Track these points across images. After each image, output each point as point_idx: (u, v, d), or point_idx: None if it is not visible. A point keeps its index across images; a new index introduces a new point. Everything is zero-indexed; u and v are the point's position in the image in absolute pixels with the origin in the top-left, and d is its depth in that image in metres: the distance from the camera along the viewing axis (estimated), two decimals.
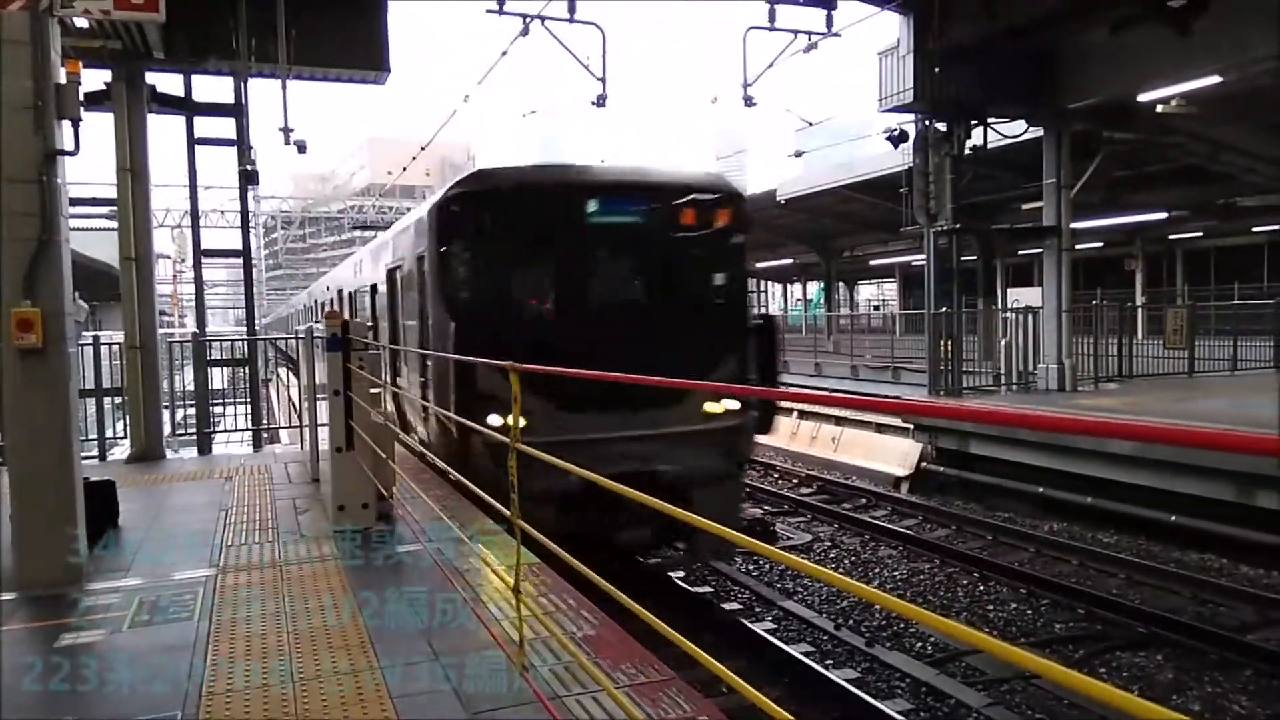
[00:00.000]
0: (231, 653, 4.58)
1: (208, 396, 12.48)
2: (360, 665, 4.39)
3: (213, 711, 3.91)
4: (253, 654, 4.56)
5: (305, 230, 69.56)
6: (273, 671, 4.33)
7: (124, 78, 10.98)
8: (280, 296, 65.97)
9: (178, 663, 4.43)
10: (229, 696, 4.06)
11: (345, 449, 7.22)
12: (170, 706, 3.95)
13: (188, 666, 4.40)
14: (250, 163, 12.09)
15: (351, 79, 12.78)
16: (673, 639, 2.52)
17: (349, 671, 4.31)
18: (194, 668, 4.38)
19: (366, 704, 3.95)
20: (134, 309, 11.15)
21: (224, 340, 14.62)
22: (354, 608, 5.23)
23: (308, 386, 9.62)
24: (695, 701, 3.90)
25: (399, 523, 7.36)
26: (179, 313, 48.07)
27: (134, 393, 11.23)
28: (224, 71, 12.04)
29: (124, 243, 11.11)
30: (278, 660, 4.47)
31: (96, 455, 11.37)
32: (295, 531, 7.15)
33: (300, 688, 4.13)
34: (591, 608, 5.15)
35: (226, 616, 5.14)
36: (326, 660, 4.45)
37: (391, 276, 11.44)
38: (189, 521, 7.57)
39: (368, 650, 4.58)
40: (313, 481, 9.24)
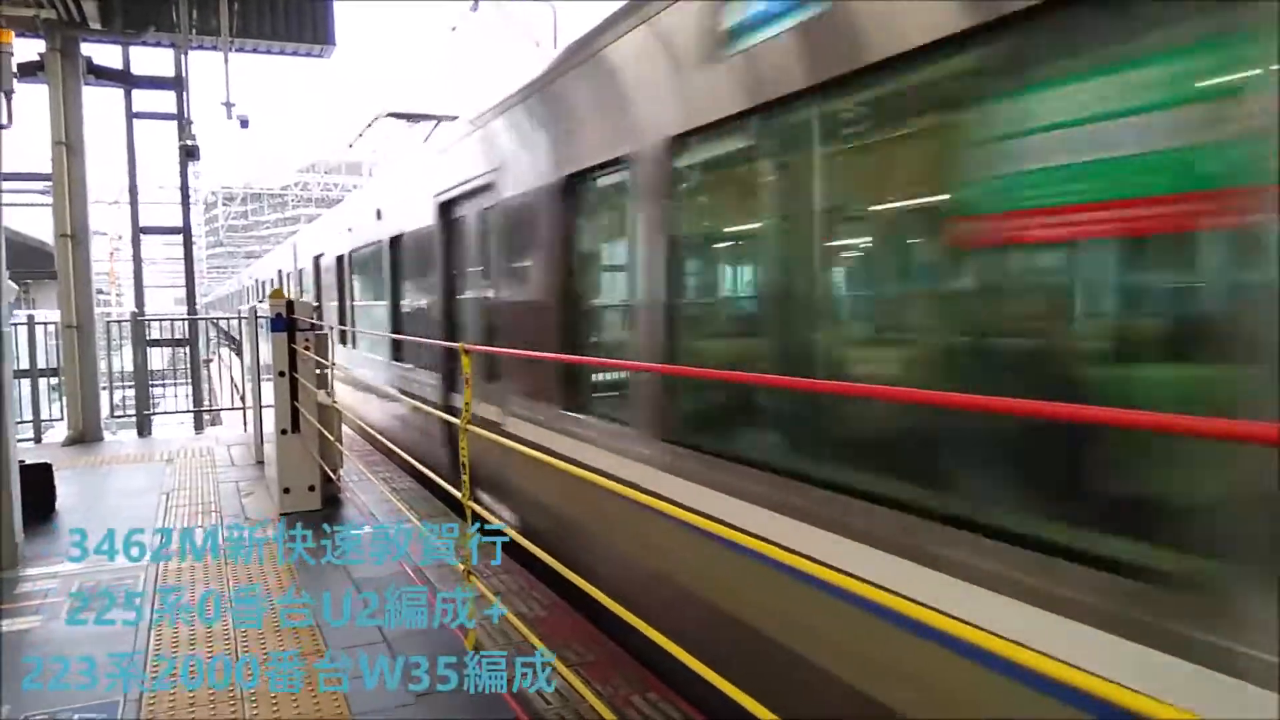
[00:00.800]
0: (175, 638, 4.50)
1: (147, 377, 12.20)
2: (307, 649, 4.35)
3: (155, 699, 3.85)
4: (196, 639, 4.49)
5: (247, 207, 68.09)
6: (216, 657, 4.27)
7: (58, 48, 10.62)
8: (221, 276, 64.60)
9: (119, 650, 4.34)
10: (172, 683, 3.99)
11: (290, 431, 7.12)
12: (111, 694, 3.88)
13: (130, 653, 4.32)
14: (190, 138, 11.82)
15: (296, 52, 12.50)
16: (624, 616, 2.53)
17: (295, 656, 4.26)
18: (135, 655, 4.31)
19: (313, 689, 3.91)
20: (70, 287, 10.84)
21: (164, 320, 14.29)
22: (300, 591, 5.18)
23: (251, 367, 9.41)
24: (646, 678, 3.94)
25: (346, 505, 7.29)
26: (116, 291, 46.82)
27: (70, 373, 10.94)
28: (164, 44, 11.73)
29: (59, 219, 10.78)
30: (222, 645, 4.41)
31: (32, 438, 11.07)
32: (239, 515, 7.04)
33: (245, 673, 4.08)
34: (543, 589, 5.16)
35: (169, 601, 5.05)
36: (273, 646, 4.40)
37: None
38: (129, 505, 7.41)
39: (315, 635, 4.53)
40: (257, 464, 9.11)
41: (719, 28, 3.52)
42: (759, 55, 3.29)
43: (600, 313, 5.21)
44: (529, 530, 5.47)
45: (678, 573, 3.90)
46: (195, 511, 7.17)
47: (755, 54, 3.30)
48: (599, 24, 4.73)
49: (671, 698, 3.77)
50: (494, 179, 6.23)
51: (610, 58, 4.59)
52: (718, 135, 3.74)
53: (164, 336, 13.43)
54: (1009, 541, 2.33)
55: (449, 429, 7.20)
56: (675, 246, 4.06)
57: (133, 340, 12.02)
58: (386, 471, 8.53)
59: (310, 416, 7.02)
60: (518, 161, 5.87)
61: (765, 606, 3.28)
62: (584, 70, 4.91)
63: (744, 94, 3.39)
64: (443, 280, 7.64)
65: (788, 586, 2.99)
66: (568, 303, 5.19)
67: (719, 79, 3.54)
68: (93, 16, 10.46)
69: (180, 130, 11.94)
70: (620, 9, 4.47)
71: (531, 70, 5.76)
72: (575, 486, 4.09)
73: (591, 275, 5.23)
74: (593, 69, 4.79)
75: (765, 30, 3.24)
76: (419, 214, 8.22)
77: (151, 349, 12.52)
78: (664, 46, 4.05)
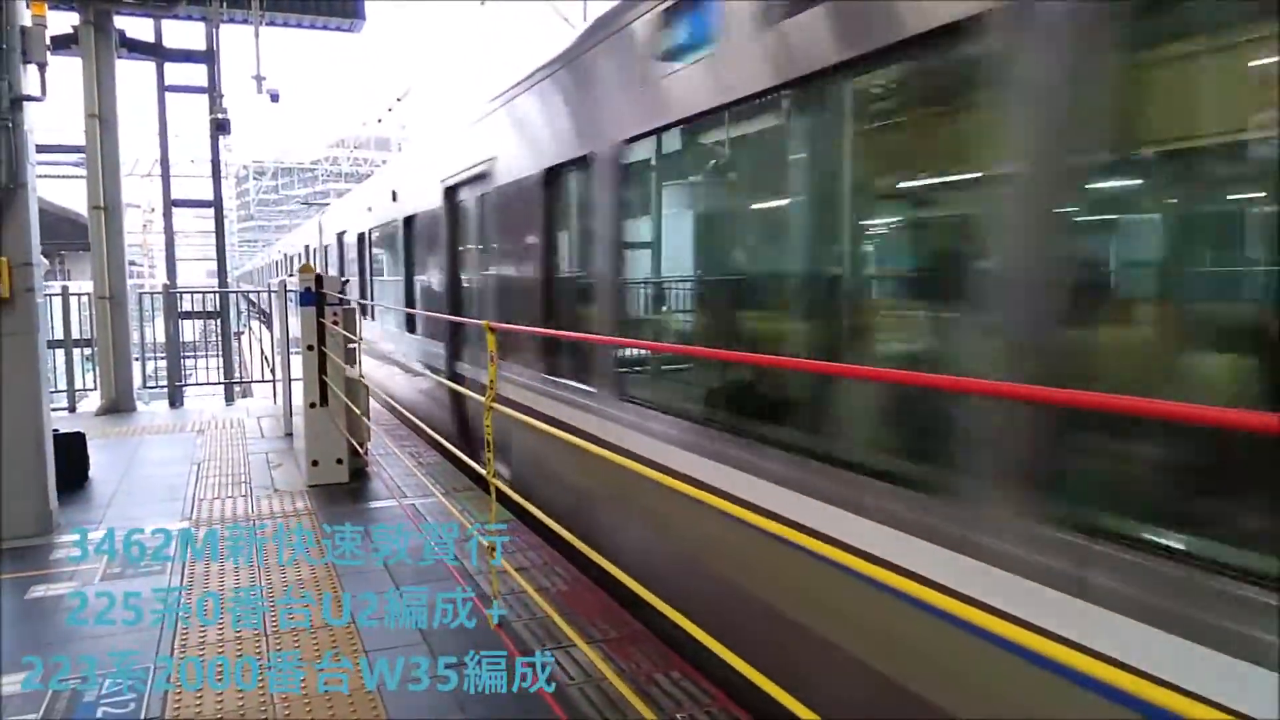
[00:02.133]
0: (204, 606, 4.58)
1: (179, 349, 12.35)
2: (332, 617, 4.41)
3: (185, 665, 3.92)
4: (225, 607, 4.57)
5: (278, 181, 68.52)
6: (245, 624, 4.34)
7: (92, 21, 10.69)
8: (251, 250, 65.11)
9: (149, 616, 4.43)
10: (201, 649, 4.07)
11: (319, 404, 7.18)
12: (142, 661, 3.96)
13: (159, 619, 4.40)
14: (221, 111, 11.89)
15: (326, 26, 12.53)
16: (644, 597, 2.54)
17: (322, 625, 4.33)
18: (165, 621, 4.39)
19: (340, 654, 3.97)
20: (103, 259, 10.97)
21: (195, 292, 14.45)
22: (327, 563, 5.24)
23: (281, 340, 9.51)
24: (667, 657, 3.96)
25: (373, 479, 7.36)
26: (149, 263, 47.37)
27: (104, 344, 11.09)
28: (196, 17, 11.78)
29: (92, 191, 10.89)
30: (249, 613, 4.48)
31: (66, 407, 11.26)
32: (268, 486, 7.13)
33: (273, 641, 4.15)
34: (565, 564, 5.20)
35: (199, 570, 5.14)
36: (301, 614, 4.46)
37: None
38: (161, 474, 7.53)
39: (340, 603, 4.60)
40: (286, 436, 9.21)
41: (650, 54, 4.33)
42: (677, 80, 4.06)
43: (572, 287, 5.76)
44: (519, 479, 6.23)
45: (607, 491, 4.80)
46: (225, 481, 7.27)
47: (675, 79, 4.08)
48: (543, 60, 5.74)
49: (693, 675, 3.79)
50: (489, 168, 6.83)
51: (566, 75, 5.47)
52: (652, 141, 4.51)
53: (195, 309, 13.57)
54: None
55: (455, 395, 7.90)
56: (619, 233, 4.82)
57: (165, 312, 12.16)
58: (414, 446, 8.60)
59: (338, 390, 7.08)
60: (507, 153, 6.55)
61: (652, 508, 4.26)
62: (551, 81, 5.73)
63: (669, 111, 4.17)
64: (448, 258, 8.22)
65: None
66: (547, 280, 5.88)
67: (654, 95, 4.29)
68: None
69: (211, 104, 12.01)
70: (585, 31, 5.27)
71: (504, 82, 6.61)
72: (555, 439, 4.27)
73: (563, 255, 5.88)
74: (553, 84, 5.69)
75: (678, 61, 4.06)
76: (429, 197, 8.75)
77: (183, 321, 12.66)
78: (606, 69, 4.92)
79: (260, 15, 11.58)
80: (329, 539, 5.64)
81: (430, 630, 4.18)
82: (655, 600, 2.46)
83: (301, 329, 7.22)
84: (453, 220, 8.10)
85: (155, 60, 11.84)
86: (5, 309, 5.73)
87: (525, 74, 6.09)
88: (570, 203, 5.67)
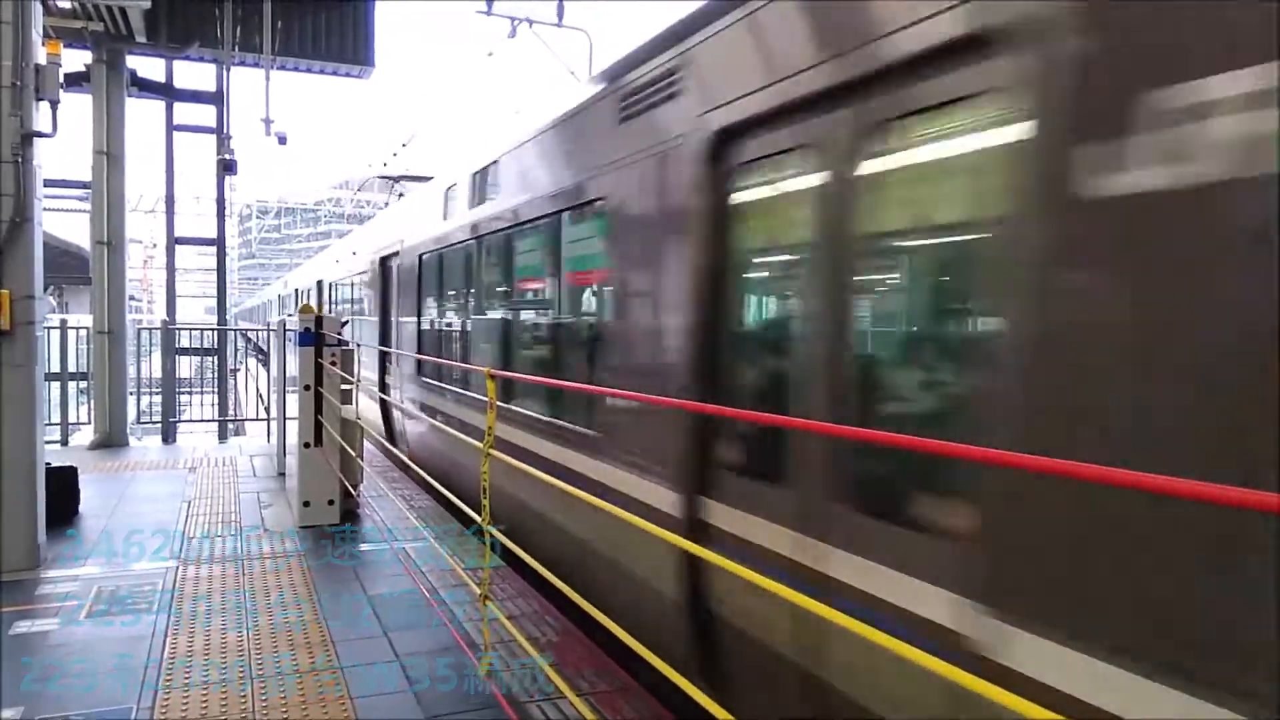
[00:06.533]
0: (190, 647, 4.53)
1: (175, 385, 12.34)
2: (320, 664, 4.36)
3: (169, 706, 3.87)
4: (211, 649, 4.52)
5: (280, 220, 68.93)
6: (231, 667, 4.29)
7: (104, 60, 10.86)
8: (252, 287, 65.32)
9: (134, 655, 4.38)
10: (186, 691, 4.02)
11: (313, 444, 7.17)
12: (125, 700, 3.91)
13: (144, 659, 4.35)
14: (229, 152, 12.01)
15: (336, 72, 12.71)
16: (634, 647, 2.52)
17: (309, 670, 4.28)
18: (150, 661, 4.34)
19: (326, 703, 3.92)
20: (104, 294, 11.01)
21: (194, 329, 14.46)
22: (316, 605, 5.20)
23: (277, 379, 9.53)
24: (657, 710, 3.92)
25: (365, 521, 7.33)
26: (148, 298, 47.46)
27: (100, 378, 11.09)
28: (206, 59, 11.96)
29: (97, 227, 10.97)
30: (236, 656, 4.43)
31: (59, 440, 11.21)
32: (259, 526, 7.09)
33: (258, 685, 4.10)
34: (555, 614, 5.16)
35: (186, 610, 5.09)
36: (286, 658, 4.42)
37: None
38: (151, 511, 7.48)
39: (329, 649, 4.55)
40: (278, 476, 9.17)
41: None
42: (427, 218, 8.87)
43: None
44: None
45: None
46: (216, 520, 7.22)
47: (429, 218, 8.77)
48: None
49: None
50: (399, 247, 10.63)
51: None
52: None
53: (193, 345, 13.58)
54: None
55: (383, 405, 11.00)
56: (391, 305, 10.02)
57: (162, 348, 12.17)
58: (406, 489, 8.56)
59: (333, 431, 7.08)
60: (409, 237, 10.20)
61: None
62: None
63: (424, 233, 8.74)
64: (380, 309, 11.83)
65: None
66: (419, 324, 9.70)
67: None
68: (139, 30, 10.71)
69: (219, 144, 12.14)
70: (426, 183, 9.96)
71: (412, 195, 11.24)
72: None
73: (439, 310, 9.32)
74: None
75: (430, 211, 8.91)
76: (368, 262, 12.59)
77: (180, 357, 12.66)
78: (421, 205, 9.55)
79: (271, 59, 11.75)
80: (318, 581, 5.59)
81: (417, 680, 4.14)
82: (642, 649, 2.45)
83: (299, 368, 7.24)
84: (384, 279, 11.65)
85: (165, 99, 11.99)
86: (5, 341, 5.75)
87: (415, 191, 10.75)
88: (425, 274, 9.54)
